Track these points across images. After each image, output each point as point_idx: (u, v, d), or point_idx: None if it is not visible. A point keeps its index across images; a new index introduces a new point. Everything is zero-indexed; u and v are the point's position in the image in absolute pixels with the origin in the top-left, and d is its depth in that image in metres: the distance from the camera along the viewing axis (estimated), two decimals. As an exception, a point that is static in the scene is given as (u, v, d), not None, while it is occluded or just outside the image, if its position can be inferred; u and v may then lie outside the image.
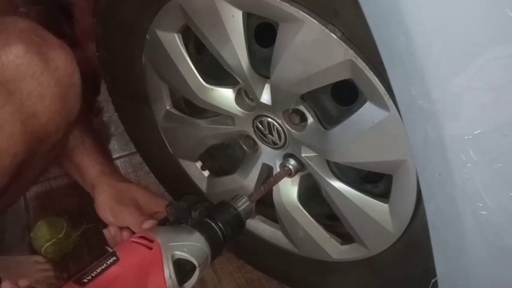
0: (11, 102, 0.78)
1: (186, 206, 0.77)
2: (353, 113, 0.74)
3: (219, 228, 0.76)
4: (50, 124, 0.83)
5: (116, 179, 1.00)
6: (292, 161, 0.90)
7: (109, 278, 0.66)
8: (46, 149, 0.86)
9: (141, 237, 0.73)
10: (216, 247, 0.76)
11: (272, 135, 0.87)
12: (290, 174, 0.90)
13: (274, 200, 0.96)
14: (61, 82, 0.83)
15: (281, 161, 0.92)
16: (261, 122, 0.87)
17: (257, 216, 1.05)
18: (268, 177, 0.96)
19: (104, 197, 0.96)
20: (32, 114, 0.80)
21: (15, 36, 0.79)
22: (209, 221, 0.76)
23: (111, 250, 0.72)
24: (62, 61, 0.83)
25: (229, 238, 0.77)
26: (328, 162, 0.85)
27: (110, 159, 1.06)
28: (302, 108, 0.81)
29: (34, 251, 1.23)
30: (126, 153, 1.52)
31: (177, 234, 0.74)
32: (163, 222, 0.82)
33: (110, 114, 1.60)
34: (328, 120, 0.81)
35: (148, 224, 0.87)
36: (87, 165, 1.00)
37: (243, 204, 0.80)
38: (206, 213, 0.77)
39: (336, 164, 0.86)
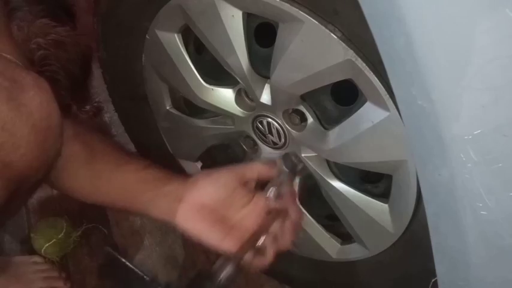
0: None
1: None
2: (353, 113, 0.74)
3: None
4: (27, 170, 0.77)
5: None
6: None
7: None
8: (29, 185, 0.80)
9: None
10: None
11: (272, 135, 0.87)
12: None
13: (274, 200, 0.96)
14: (36, 128, 0.75)
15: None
16: (261, 122, 0.87)
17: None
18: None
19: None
20: (7, 164, 0.74)
21: None
22: None
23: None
24: (36, 104, 0.75)
25: None
26: (328, 162, 0.85)
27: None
28: (302, 108, 0.81)
29: (34, 251, 1.23)
30: (126, 153, 1.51)
31: None
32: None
33: (110, 114, 1.60)
34: (328, 120, 0.81)
35: None
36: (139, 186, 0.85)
37: (225, 274, 0.73)
38: None
39: (336, 164, 0.86)
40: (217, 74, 0.88)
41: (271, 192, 0.82)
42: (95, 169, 0.87)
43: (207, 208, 0.80)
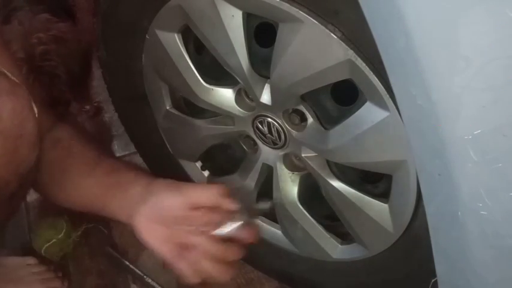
0: None
1: None
2: (353, 113, 0.74)
3: None
4: None
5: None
6: None
7: None
8: (4, 198, 0.78)
9: None
10: None
11: (272, 135, 0.87)
12: None
13: (274, 199, 0.96)
14: (6, 135, 0.72)
15: (281, 161, 0.92)
16: (261, 122, 0.87)
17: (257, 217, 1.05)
18: (268, 177, 0.96)
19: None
20: None
21: None
22: None
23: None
24: (7, 110, 0.72)
25: None
26: (328, 162, 0.85)
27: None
28: (302, 108, 0.81)
29: (34, 251, 1.23)
30: (126, 153, 1.51)
31: None
32: None
33: (110, 114, 1.60)
34: (328, 120, 0.81)
35: None
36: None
37: None
38: None
39: (336, 164, 0.86)
40: (217, 74, 0.88)
41: (224, 228, 0.78)
42: (65, 176, 0.86)
43: (162, 218, 0.78)
